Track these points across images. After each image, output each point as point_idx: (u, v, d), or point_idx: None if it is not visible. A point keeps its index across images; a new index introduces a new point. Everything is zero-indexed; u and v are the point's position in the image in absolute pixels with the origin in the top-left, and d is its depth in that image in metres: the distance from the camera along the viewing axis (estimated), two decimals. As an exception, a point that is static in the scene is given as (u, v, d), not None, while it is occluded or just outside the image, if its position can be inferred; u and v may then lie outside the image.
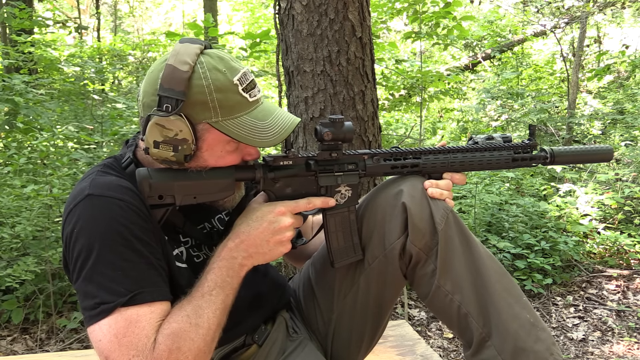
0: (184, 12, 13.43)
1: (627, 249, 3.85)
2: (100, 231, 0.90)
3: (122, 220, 0.91)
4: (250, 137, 0.96)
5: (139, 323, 0.88)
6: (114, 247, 0.90)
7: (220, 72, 0.95)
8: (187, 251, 1.08)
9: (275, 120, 1.00)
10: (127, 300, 0.88)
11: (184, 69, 0.92)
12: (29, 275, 2.51)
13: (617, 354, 2.74)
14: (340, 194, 1.12)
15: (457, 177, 1.15)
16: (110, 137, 4.23)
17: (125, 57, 7.58)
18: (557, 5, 7.89)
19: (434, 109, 7.78)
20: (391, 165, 1.14)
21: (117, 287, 0.89)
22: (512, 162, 1.18)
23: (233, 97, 0.96)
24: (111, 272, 0.89)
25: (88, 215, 0.92)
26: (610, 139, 6.78)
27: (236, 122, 0.96)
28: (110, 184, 0.96)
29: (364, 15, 2.09)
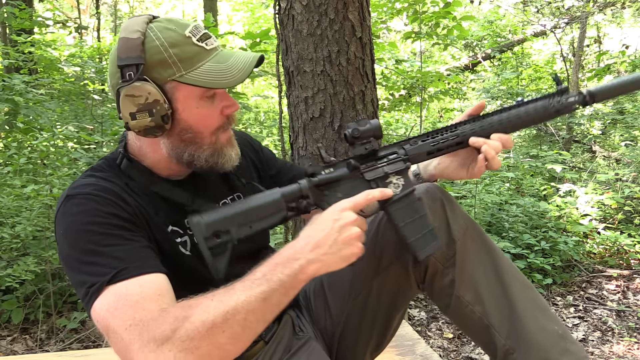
0: (184, 12, 13.43)
1: (627, 249, 3.85)
2: (79, 224, 0.93)
3: (98, 212, 0.94)
4: (217, 80, 0.96)
5: (129, 296, 0.87)
6: (93, 236, 0.92)
7: (171, 30, 0.97)
8: (191, 239, 1.07)
9: (236, 60, 0.99)
10: (111, 278, 0.88)
11: (136, 36, 0.95)
12: (29, 275, 2.51)
13: (617, 354, 2.74)
14: (393, 184, 1.07)
15: (505, 137, 1.08)
16: (110, 137, 4.23)
17: (125, 57, 7.57)
18: (557, 5, 7.89)
19: (434, 109, 7.78)
20: (431, 142, 1.09)
21: (101, 269, 0.89)
22: (552, 111, 1.10)
23: (190, 49, 0.96)
24: (94, 258, 0.90)
25: (67, 214, 0.95)
26: (610, 139, 6.79)
27: (199, 71, 0.96)
28: (87, 184, 0.98)
29: (364, 15, 2.09)
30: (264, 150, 1.33)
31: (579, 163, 5.72)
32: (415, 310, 3.18)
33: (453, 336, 2.90)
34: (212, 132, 1.02)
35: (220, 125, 1.03)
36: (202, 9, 7.69)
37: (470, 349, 2.79)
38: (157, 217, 1.03)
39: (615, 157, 5.99)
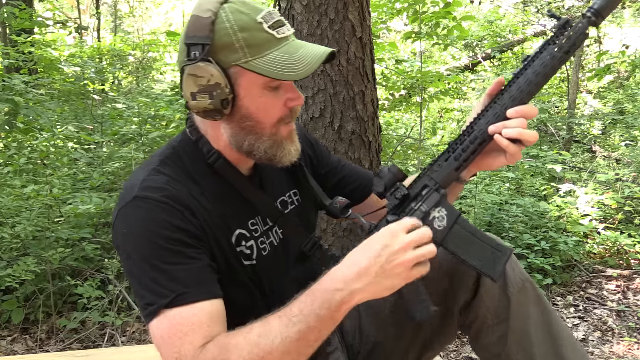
0: (184, 12, 13.43)
1: (627, 249, 3.85)
2: (144, 234, 0.92)
3: (167, 225, 0.92)
4: (282, 72, 0.92)
5: (181, 326, 0.88)
6: (158, 251, 0.91)
7: (243, 13, 0.93)
8: (256, 243, 1.06)
9: (305, 52, 0.95)
10: (169, 302, 0.89)
11: (207, 15, 0.92)
12: (29, 275, 2.51)
13: (617, 354, 2.74)
14: (436, 218, 1.01)
15: (520, 108, 0.97)
16: (110, 137, 4.23)
17: (125, 57, 7.59)
18: (557, 5, 7.89)
19: (434, 109, 7.78)
20: (454, 157, 1.02)
21: (161, 289, 0.90)
22: (560, 52, 0.98)
23: (259, 35, 0.93)
24: (156, 275, 0.90)
25: (134, 218, 0.93)
26: (610, 139, 6.79)
27: (266, 59, 0.93)
28: (157, 187, 0.95)
29: (364, 15, 2.09)
30: (319, 145, 1.30)
31: (579, 163, 5.72)
32: (415, 310, 3.18)
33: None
34: (273, 124, 0.98)
35: (282, 117, 0.99)
36: (202, 9, 7.68)
37: (470, 349, 2.79)
38: (224, 222, 1.01)
39: (615, 157, 5.99)
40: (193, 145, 1.04)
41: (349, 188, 1.26)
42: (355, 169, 1.30)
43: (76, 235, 2.88)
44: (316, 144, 1.28)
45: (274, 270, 1.08)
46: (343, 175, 1.26)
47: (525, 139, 0.95)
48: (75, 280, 2.65)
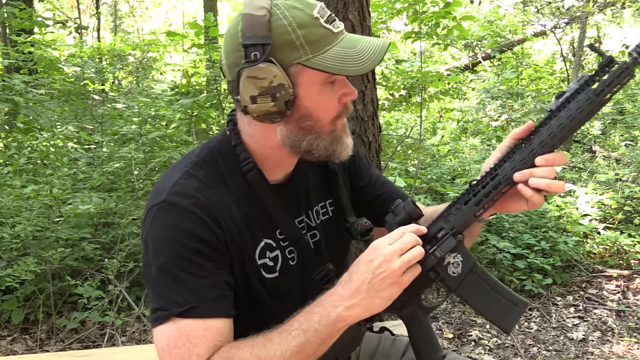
0: (184, 12, 13.43)
1: (627, 249, 3.85)
2: (167, 241, 0.91)
3: (190, 234, 0.91)
4: (345, 66, 0.90)
5: (191, 337, 0.88)
6: (178, 259, 0.90)
7: (298, 9, 0.90)
8: (283, 254, 1.05)
9: (365, 45, 0.93)
10: (182, 312, 0.88)
11: (261, 13, 0.89)
12: (29, 275, 2.51)
13: (617, 354, 2.74)
14: (451, 264, 0.98)
15: (551, 157, 0.91)
16: (110, 137, 4.23)
17: (125, 57, 7.59)
18: (557, 5, 7.89)
19: (434, 109, 7.78)
20: (475, 203, 0.97)
21: (175, 297, 0.89)
22: (600, 96, 0.88)
23: (317, 31, 0.90)
24: (172, 283, 0.90)
25: (159, 222, 0.92)
26: (610, 139, 6.79)
27: (327, 55, 0.90)
28: (187, 194, 0.93)
29: (364, 15, 2.09)
30: (360, 156, 1.24)
31: (579, 163, 5.72)
32: (415, 310, 3.18)
33: (453, 336, 2.90)
34: (331, 120, 0.96)
35: (339, 113, 0.97)
36: (202, 9, 7.69)
37: (471, 349, 2.80)
38: (250, 231, 0.99)
39: (615, 157, 5.99)
40: (231, 149, 1.02)
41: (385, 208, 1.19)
42: (393, 189, 1.25)
43: (76, 235, 2.88)
44: (357, 154, 1.23)
45: (295, 284, 1.07)
46: (381, 193, 1.22)
47: (552, 190, 0.90)
48: (75, 280, 2.65)
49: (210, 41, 3.75)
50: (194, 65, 5.66)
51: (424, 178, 4.33)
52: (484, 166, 1.02)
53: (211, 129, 4.73)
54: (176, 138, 3.94)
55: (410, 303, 1.02)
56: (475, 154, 5.32)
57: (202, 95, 3.92)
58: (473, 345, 2.83)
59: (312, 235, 1.10)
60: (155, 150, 3.68)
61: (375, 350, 1.23)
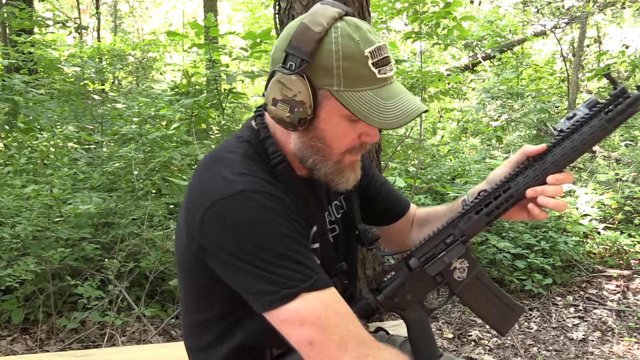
0: (184, 12, 13.43)
1: (627, 249, 3.85)
2: (265, 224, 0.90)
3: (283, 214, 0.92)
4: (368, 114, 0.89)
5: (335, 307, 0.90)
6: (283, 239, 0.90)
7: (354, 40, 0.89)
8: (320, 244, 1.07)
9: (399, 103, 0.91)
10: (312, 285, 0.88)
11: (317, 29, 0.89)
12: (29, 275, 2.50)
13: (617, 354, 2.74)
14: (457, 269, 1.04)
15: (562, 177, 0.98)
16: (110, 137, 4.23)
17: (125, 57, 7.59)
18: (557, 5, 7.89)
19: (434, 109, 7.79)
20: (486, 213, 1.03)
21: (296, 275, 0.89)
22: (612, 124, 0.95)
23: (360, 69, 0.89)
24: (284, 262, 0.89)
25: (244, 210, 0.91)
26: (610, 139, 6.79)
27: (357, 95, 0.89)
28: (259, 181, 0.94)
29: (364, 15, 2.09)
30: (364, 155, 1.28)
31: (579, 163, 5.72)
32: (415, 310, 3.18)
33: (453, 336, 2.90)
34: (341, 152, 0.97)
35: (351, 148, 0.97)
36: (202, 9, 7.69)
37: (471, 349, 2.80)
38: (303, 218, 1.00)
39: (615, 157, 5.99)
40: (260, 142, 1.03)
41: (383, 208, 1.25)
42: (391, 190, 1.29)
43: (76, 235, 2.88)
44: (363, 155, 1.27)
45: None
46: (380, 193, 1.25)
47: (557, 209, 1.00)
48: (75, 280, 2.65)
49: (210, 41, 3.75)
50: (194, 65, 5.66)
51: (424, 178, 4.33)
52: (490, 176, 1.07)
53: (211, 129, 4.73)
54: (176, 138, 3.94)
55: (414, 303, 1.05)
56: (475, 154, 5.32)
57: (202, 95, 3.91)
58: (473, 345, 2.83)
59: (332, 229, 1.12)
60: (155, 150, 3.68)
61: None
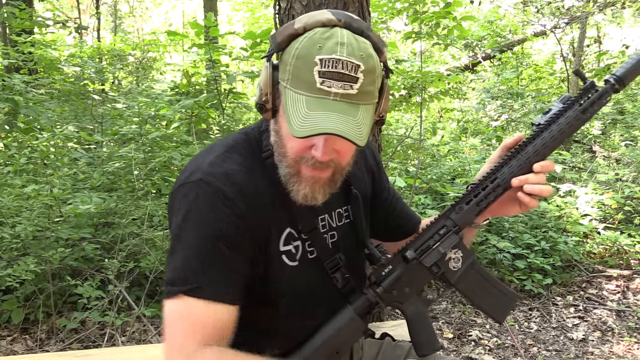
0: (184, 12, 13.43)
1: (627, 249, 3.85)
2: (195, 220, 0.93)
3: (218, 218, 0.93)
4: (292, 118, 0.87)
5: (193, 317, 0.92)
6: (201, 238, 0.93)
7: (315, 45, 0.88)
8: (303, 246, 1.06)
9: (318, 118, 0.86)
10: (189, 290, 0.91)
11: (296, 26, 0.91)
12: (29, 275, 2.50)
13: (617, 354, 2.74)
14: (452, 259, 1.07)
15: (545, 164, 1.03)
16: (110, 137, 4.23)
17: (125, 57, 7.59)
18: (557, 5, 7.89)
19: (434, 109, 7.79)
20: (476, 203, 1.06)
21: (187, 275, 0.92)
22: (586, 114, 1.04)
23: (305, 72, 0.88)
24: (188, 261, 0.92)
25: (190, 201, 0.94)
26: (610, 139, 6.79)
27: (295, 97, 0.88)
28: (224, 173, 0.95)
29: (364, 15, 2.09)
30: (383, 170, 1.28)
31: (579, 163, 5.72)
32: (415, 310, 3.18)
33: (453, 336, 2.90)
34: (294, 157, 0.95)
35: (302, 156, 0.94)
36: (202, 9, 7.69)
37: (471, 349, 2.80)
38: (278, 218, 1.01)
39: (615, 157, 5.99)
40: (259, 134, 1.05)
41: (396, 224, 1.25)
42: (405, 206, 1.29)
43: (76, 235, 2.88)
44: (381, 166, 1.27)
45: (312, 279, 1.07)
46: (395, 209, 1.26)
47: (543, 195, 1.02)
48: (75, 280, 2.65)
49: (210, 41, 3.75)
50: (194, 65, 5.66)
51: (424, 178, 4.33)
52: (478, 175, 1.11)
53: (211, 129, 4.73)
54: (176, 138, 3.94)
55: (412, 296, 1.07)
56: (475, 154, 5.32)
57: (202, 95, 3.92)
58: (473, 345, 2.83)
59: (331, 235, 1.11)
60: (155, 150, 3.68)
61: (377, 355, 1.25)
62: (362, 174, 1.19)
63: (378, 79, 0.93)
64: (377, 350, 1.25)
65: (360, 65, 0.87)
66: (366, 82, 0.88)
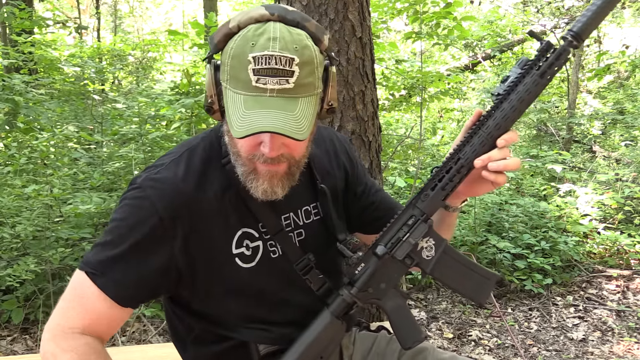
0: (184, 12, 13.43)
1: (627, 249, 3.85)
2: (122, 222, 0.98)
3: (141, 225, 0.96)
4: (232, 118, 0.87)
5: (83, 299, 0.97)
6: (123, 238, 0.96)
7: (249, 43, 0.87)
8: (264, 246, 1.05)
9: (255, 117, 0.86)
10: (91, 273, 0.96)
11: (231, 25, 0.91)
12: (29, 275, 2.51)
13: (617, 354, 2.74)
14: (424, 248, 1.04)
15: (507, 137, 0.98)
16: (110, 137, 4.23)
17: (125, 57, 7.59)
18: (557, 5, 7.89)
19: (434, 109, 7.78)
20: (441, 187, 1.02)
21: (98, 260, 0.97)
22: (545, 77, 0.97)
23: (241, 71, 0.87)
24: (104, 250, 0.97)
25: (126, 202, 0.99)
26: (610, 139, 6.79)
27: (233, 95, 0.89)
28: (160, 184, 0.98)
29: (364, 15, 2.09)
30: (359, 164, 1.26)
31: (579, 163, 5.72)
32: (416, 311, 3.18)
33: (453, 336, 2.90)
34: (246, 156, 0.95)
35: (255, 155, 0.94)
36: (202, 9, 7.69)
37: (471, 349, 2.80)
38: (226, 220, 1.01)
39: (615, 157, 5.99)
40: (217, 139, 1.05)
41: (375, 216, 1.23)
42: (386, 199, 1.26)
43: (76, 235, 2.88)
44: (356, 162, 1.26)
45: (274, 278, 1.06)
46: (372, 202, 1.23)
47: (509, 169, 0.98)
48: (75, 280, 2.65)
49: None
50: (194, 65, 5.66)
51: (424, 178, 4.32)
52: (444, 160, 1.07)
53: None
54: (176, 138, 3.94)
55: (389, 291, 1.05)
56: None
57: (202, 95, 3.91)
58: (473, 345, 2.83)
59: (298, 233, 1.10)
60: (155, 150, 3.68)
61: (370, 349, 1.23)
62: (333, 169, 1.18)
63: (318, 69, 0.92)
64: (371, 345, 1.24)
65: (294, 59, 0.87)
66: (303, 75, 0.88)
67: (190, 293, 1.03)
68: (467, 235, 3.63)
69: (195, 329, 1.08)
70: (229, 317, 1.05)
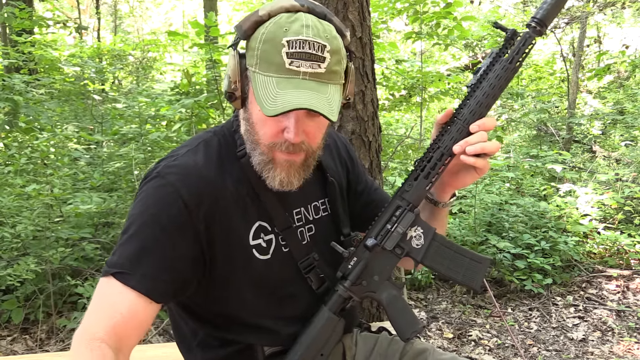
0: (184, 12, 13.43)
1: (627, 249, 3.85)
2: (146, 213, 0.95)
3: (168, 213, 0.94)
4: (263, 100, 0.88)
5: (110, 301, 0.92)
6: (147, 230, 0.94)
7: (282, 28, 0.89)
8: (277, 239, 1.06)
9: (290, 95, 0.87)
10: (117, 273, 0.92)
11: (261, 13, 0.92)
12: (29, 275, 2.51)
13: (617, 354, 2.74)
14: (414, 237, 1.06)
15: (483, 122, 1.01)
16: (111, 137, 4.23)
17: (125, 57, 7.59)
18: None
19: (434, 109, 7.78)
20: (424, 176, 1.04)
21: (122, 259, 0.93)
22: (513, 64, 1.02)
23: (274, 55, 0.89)
24: (128, 247, 0.93)
25: (145, 193, 0.97)
26: (610, 139, 6.79)
27: (264, 79, 0.90)
28: (181, 170, 0.97)
29: (364, 15, 2.09)
30: (358, 163, 1.29)
31: (579, 163, 5.72)
32: (415, 310, 3.18)
33: (453, 336, 2.90)
34: (267, 144, 0.96)
35: (275, 143, 0.95)
36: (202, 9, 7.69)
37: (471, 349, 2.80)
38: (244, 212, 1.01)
39: (615, 157, 5.99)
40: (231, 134, 1.06)
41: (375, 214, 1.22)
42: (385, 197, 1.28)
43: (76, 235, 2.89)
44: (356, 158, 1.28)
45: (285, 273, 1.07)
46: (372, 200, 1.25)
47: (488, 151, 0.99)
48: (75, 280, 2.65)
49: (211, 41, 3.75)
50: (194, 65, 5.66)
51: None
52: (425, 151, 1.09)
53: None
54: (176, 138, 3.94)
55: (383, 283, 1.07)
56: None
57: (202, 95, 3.92)
58: (473, 345, 2.83)
59: (309, 228, 1.12)
60: (155, 151, 3.68)
61: (372, 350, 1.24)
62: (336, 166, 1.21)
63: (343, 61, 0.96)
64: (373, 345, 1.25)
65: (326, 45, 0.90)
66: (333, 62, 0.91)
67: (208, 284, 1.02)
68: (467, 235, 3.63)
69: (199, 334, 1.08)
70: (241, 313, 1.04)
